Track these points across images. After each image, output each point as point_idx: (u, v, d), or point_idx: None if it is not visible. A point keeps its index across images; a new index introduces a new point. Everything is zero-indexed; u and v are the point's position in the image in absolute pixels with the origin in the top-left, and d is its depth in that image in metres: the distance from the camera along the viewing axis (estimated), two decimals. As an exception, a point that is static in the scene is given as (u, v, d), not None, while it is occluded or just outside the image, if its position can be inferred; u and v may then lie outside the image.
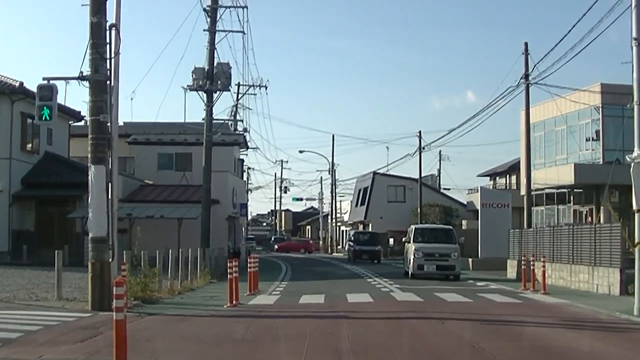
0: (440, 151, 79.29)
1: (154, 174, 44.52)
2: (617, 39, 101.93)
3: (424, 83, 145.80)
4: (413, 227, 34.40)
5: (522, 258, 25.84)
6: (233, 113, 63.36)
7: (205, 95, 35.67)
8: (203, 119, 35.99)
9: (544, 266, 24.07)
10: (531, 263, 24.49)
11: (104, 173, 18.24)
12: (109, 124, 18.66)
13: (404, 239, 35.28)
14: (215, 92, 35.78)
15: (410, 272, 30.58)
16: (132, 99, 64.73)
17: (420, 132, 55.60)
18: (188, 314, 17.20)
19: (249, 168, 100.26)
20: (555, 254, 27.59)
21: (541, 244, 29.33)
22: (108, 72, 18.40)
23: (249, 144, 56.59)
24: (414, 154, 56.51)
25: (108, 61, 18.36)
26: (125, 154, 46.74)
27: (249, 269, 23.18)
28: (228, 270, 19.34)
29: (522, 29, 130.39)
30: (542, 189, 47.36)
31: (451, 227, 35.57)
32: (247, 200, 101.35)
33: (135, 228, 37.97)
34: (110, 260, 18.21)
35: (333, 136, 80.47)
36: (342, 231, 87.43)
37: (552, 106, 51.26)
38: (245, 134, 47.69)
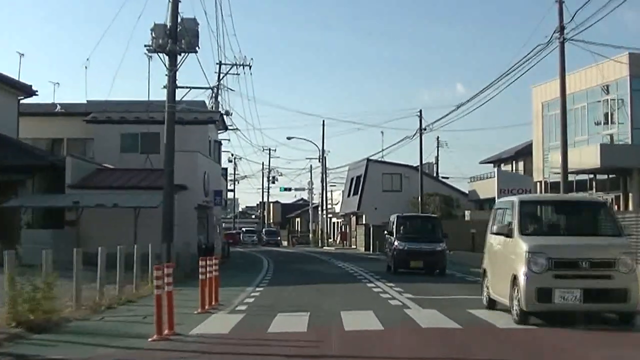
0: (438, 137, 72.23)
1: (117, 158, 37.25)
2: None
3: (413, 76, 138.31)
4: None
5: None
6: (214, 95, 56.20)
7: (167, 58, 28.36)
8: (164, 87, 28.66)
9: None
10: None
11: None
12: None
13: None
14: (180, 54, 28.42)
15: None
16: (86, 67, 55.97)
17: (420, 111, 48.47)
18: (76, 359, 10.01)
19: (235, 157, 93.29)
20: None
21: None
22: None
23: (228, 125, 49.49)
24: (413, 136, 49.34)
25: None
26: (85, 135, 39.70)
27: (201, 276, 15.85)
28: (155, 282, 12.02)
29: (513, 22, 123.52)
30: (569, 172, 40.06)
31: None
32: (233, 189, 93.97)
33: (84, 219, 31.02)
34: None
35: (323, 122, 73.39)
36: (334, 223, 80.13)
37: (569, 81, 44.19)
38: (221, 112, 40.28)
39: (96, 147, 38.55)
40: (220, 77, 56.79)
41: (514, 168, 58.13)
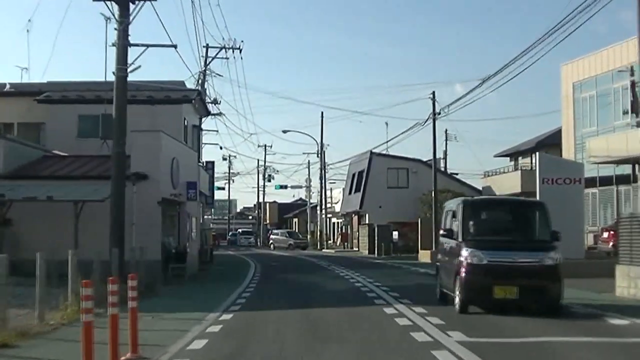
0: (446, 130, 65.00)
1: (74, 144, 29.90)
2: None
3: (411, 75, 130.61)
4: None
5: None
6: (200, 81, 49.58)
7: (116, 6, 21.06)
8: (114, 44, 21.32)
9: None
10: None
11: None
12: None
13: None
14: (133, 2, 21.15)
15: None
16: (28, 31, 47.53)
17: (433, 93, 41.10)
18: None
19: (230, 155, 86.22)
20: None
21: None
22: None
23: (214, 112, 42.54)
24: (425, 122, 41.95)
25: None
26: (41, 118, 32.39)
27: (85, 317, 8.41)
28: None
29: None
30: (612, 162, 32.86)
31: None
32: (224, 187, 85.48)
33: (18, 217, 23.71)
34: None
35: (322, 113, 65.60)
36: (333, 223, 72.61)
37: (605, 58, 37.02)
38: (199, 89, 33.06)
39: (49, 131, 31.22)
40: (207, 61, 50.28)
41: (534, 161, 50.76)
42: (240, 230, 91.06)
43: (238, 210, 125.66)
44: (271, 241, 70.54)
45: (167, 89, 31.68)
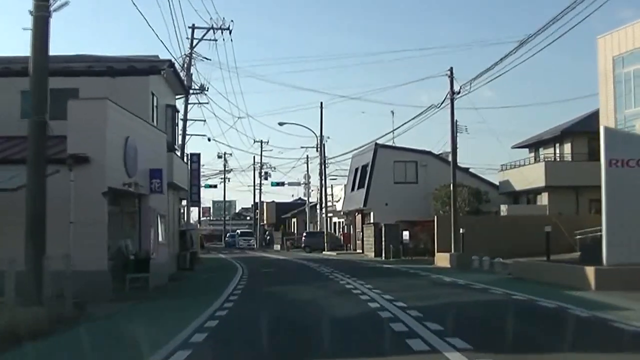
0: (456, 121, 58.40)
1: (17, 125, 23.41)
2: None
3: (411, 76, 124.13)
4: None
5: None
6: (187, 65, 43.56)
7: None
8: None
9: None
10: None
11: None
12: None
13: None
14: None
15: None
16: None
17: (451, 69, 34.68)
18: None
19: (225, 153, 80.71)
20: None
21: None
22: None
23: (197, 98, 36.39)
24: (441, 103, 35.64)
25: None
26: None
27: None
28: None
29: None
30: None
31: None
32: (215, 185, 78.18)
33: None
34: None
35: (321, 104, 59.34)
36: (334, 223, 66.05)
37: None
38: (171, 60, 26.73)
39: (-13, 111, 24.82)
40: (194, 43, 43.97)
41: (558, 152, 44.43)
42: (239, 231, 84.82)
43: (237, 211, 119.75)
44: (304, 243, 59.69)
45: (132, 60, 25.34)
